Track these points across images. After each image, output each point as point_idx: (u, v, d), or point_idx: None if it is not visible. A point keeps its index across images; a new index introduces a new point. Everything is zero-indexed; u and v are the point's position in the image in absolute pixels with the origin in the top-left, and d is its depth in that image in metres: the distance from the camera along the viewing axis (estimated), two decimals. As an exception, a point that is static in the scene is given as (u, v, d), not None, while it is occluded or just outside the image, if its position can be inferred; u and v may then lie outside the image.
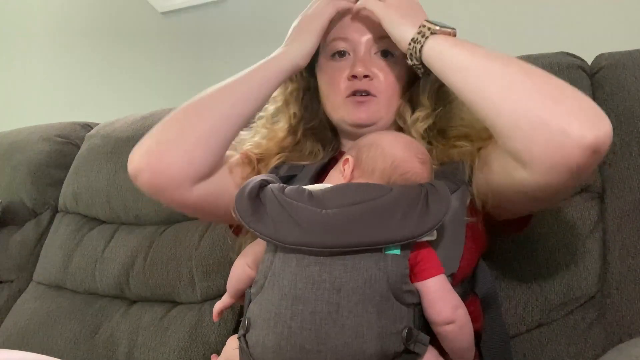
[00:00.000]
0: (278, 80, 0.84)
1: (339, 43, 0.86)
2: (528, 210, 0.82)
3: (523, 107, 0.65)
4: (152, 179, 0.78)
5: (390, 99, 0.84)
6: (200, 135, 0.79)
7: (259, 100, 0.83)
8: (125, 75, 1.91)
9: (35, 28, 2.08)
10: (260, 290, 0.66)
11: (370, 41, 0.84)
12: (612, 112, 0.98)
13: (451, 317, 0.64)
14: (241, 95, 0.82)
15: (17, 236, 1.47)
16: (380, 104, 0.83)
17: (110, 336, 1.19)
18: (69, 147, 1.53)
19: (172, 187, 0.78)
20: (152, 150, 0.79)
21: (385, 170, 0.72)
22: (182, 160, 0.78)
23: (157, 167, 0.78)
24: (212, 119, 0.80)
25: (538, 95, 0.66)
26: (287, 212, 0.66)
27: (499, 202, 0.77)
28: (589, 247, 0.92)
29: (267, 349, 0.63)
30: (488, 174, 0.76)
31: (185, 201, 0.81)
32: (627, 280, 0.90)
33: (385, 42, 0.83)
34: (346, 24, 0.86)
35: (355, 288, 0.61)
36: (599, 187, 0.97)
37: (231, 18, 1.66)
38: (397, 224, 0.64)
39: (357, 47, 0.85)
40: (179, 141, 0.78)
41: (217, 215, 0.87)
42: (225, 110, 0.81)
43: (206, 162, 0.79)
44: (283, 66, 0.84)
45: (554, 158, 0.63)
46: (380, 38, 0.84)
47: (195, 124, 0.79)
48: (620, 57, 1.02)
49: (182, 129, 0.79)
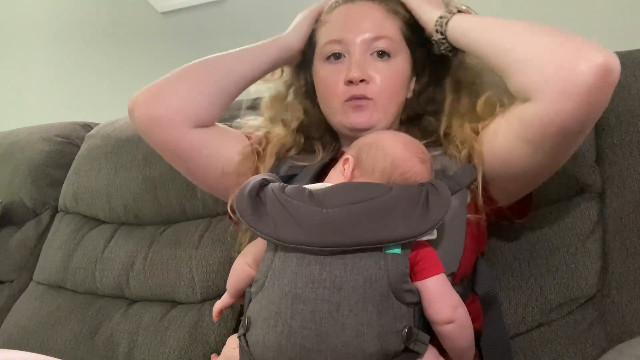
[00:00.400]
0: (273, 55, 0.91)
1: (334, 45, 0.84)
2: (533, 179, 0.81)
3: (539, 40, 0.70)
4: (148, 109, 0.84)
5: (388, 101, 0.83)
6: (201, 81, 0.86)
7: (258, 65, 0.90)
8: (125, 75, 1.91)
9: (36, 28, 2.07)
10: (261, 290, 0.66)
11: (366, 42, 0.83)
12: (612, 112, 0.98)
13: (451, 317, 0.64)
14: (243, 57, 0.90)
15: (17, 236, 1.47)
16: (378, 107, 0.82)
17: (110, 336, 1.19)
18: (69, 147, 1.53)
19: (167, 122, 0.84)
20: (153, 87, 0.86)
21: (386, 169, 0.72)
22: (182, 98, 0.84)
23: (155, 101, 0.85)
24: (215, 70, 0.88)
25: (554, 31, 0.70)
26: (288, 212, 0.66)
27: (507, 172, 0.77)
28: (589, 247, 0.92)
29: (267, 348, 0.63)
30: (494, 140, 0.76)
31: (179, 141, 0.86)
32: (627, 280, 0.90)
33: (382, 42, 0.83)
34: (340, 25, 0.85)
35: (355, 287, 0.61)
36: (599, 187, 0.97)
37: (231, 18, 1.66)
38: (397, 223, 0.64)
39: (352, 49, 0.83)
40: (180, 83, 0.86)
41: (206, 172, 0.90)
42: (227, 66, 0.89)
43: (205, 107, 0.86)
44: (279, 43, 0.91)
45: (565, 80, 0.64)
46: (376, 38, 0.83)
47: (199, 74, 0.87)
48: (620, 57, 1.01)
49: (186, 77, 0.87)
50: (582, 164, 0.97)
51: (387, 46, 0.83)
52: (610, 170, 0.97)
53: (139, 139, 1.35)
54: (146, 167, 1.31)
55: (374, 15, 0.85)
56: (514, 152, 0.74)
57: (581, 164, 0.97)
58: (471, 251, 0.76)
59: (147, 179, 1.30)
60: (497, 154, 0.76)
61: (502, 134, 0.75)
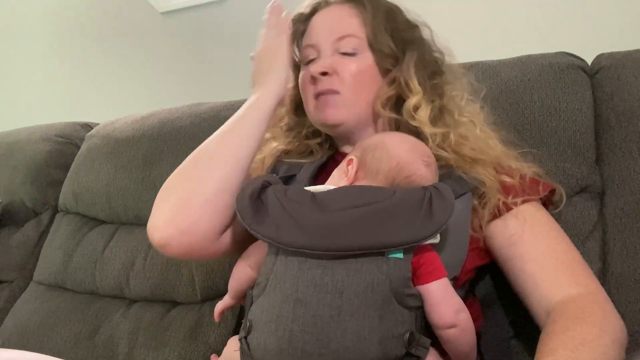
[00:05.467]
0: (269, 117, 0.81)
1: (308, 50, 0.86)
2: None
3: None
4: (183, 242, 0.74)
5: (355, 95, 0.82)
6: (217, 181, 0.75)
7: (258, 139, 0.80)
8: (125, 75, 1.91)
9: (36, 28, 2.07)
10: (262, 293, 0.66)
11: (334, 42, 0.84)
12: (612, 112, 0.98)
13: (453, 321, 0.64)
14: (245, 136, 0.79)
15: (17, 236, 1.47)
16: (345, 100, 0.82)
17: (110, 336, 1.19)
18: (69, 147, 1.53)
19: (204, 244, 0.75)
20: (175, 211, 0.74)
21: (390, 172, 0.71)
22: (208, 212, 0.74)
23: (185, 227, 0.73)
24: (225, 163, 0.76)
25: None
26: (290, 215, 0.66)
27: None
28: (589, 247, 0.92)
29: (268, 352, 0.63)
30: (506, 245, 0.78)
31: (218, 252, 0.79)
32: (627, 280, 0.90)
33: (346, 40, 0.83)
34: (313, 31, 0.87)
35: (357, 291, 0.61)
36: (599, 187, 0.97)
37: (231, 18, 1.66)
38: (399, 227, 0.63)
39: (322, 51, 0.84)
40: (199, 193, 0.74)
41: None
42: (234, 152, 0.77)
43: (230, 206, 0.74)
44: (270, 102, 0.81)
45: None
46: (340, 38, 0.83)
47: (211, 171, 0.75)
48: (620, 57, 1.02)
49: (199, 180, 0.75)
50: (582, 164, 0.97)
51: (351, 44, 0.83)
52: (610, 170, 0.97)
53: (139, 139, 1.36)
54: (146, 167, 1.31)
55: (339, 15, 0.86)
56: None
57: (581, 164, 0.97)
58: (474, 256, 0.76)
59: (147, 179, 1.30)
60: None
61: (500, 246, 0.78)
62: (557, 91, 1.00)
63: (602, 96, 1.00)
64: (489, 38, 1.36)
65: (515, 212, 0.77)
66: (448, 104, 0.84)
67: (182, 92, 1.71)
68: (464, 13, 1.40)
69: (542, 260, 0.75)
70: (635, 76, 0.98)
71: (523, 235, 0.76)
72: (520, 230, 0.76)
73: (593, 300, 0.70)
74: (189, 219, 0.73)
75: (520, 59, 1.07)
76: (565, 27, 1.31)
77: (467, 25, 1.37)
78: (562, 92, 1.00)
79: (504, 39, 1.34)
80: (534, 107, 1.00)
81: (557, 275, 0.73)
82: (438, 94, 0.83)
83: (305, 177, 0.84)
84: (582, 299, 0.70)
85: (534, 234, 0.77)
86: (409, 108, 0.80)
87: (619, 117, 0.97)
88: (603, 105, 1.00)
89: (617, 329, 0.67)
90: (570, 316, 0.67)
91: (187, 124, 1.31)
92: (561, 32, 1.30)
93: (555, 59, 1.04)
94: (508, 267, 0.78)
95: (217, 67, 1.68)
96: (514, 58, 1.08)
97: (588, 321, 0.66)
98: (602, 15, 1.27)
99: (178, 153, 1.27)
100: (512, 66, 1.06)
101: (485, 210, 0.76)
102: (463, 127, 0.82)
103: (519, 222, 0.77)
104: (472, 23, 1.39)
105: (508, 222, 0.77)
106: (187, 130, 1.30)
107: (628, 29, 1.23)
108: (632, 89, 0.97)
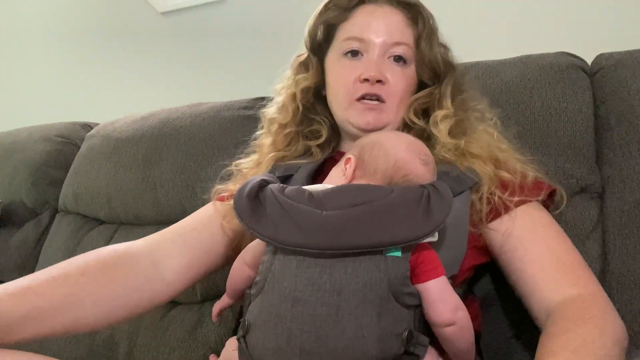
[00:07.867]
0: None
1: (354, 42, 0.85)
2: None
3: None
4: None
5: (398, 104, 0.84)
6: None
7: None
8: (125, 75, 1.91)
9: (36, 28, 2.08)
10: (260, 292, 0.66)
11: (386, 45, 0.84)
12: (612, 112, 0.98)
13: (452, 319, 0.64)
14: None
15: (17, 236, 1.47)
16: (388, 109, 0.83)
17: (110, 336, 1.19)
18: (69, 147, 1.53)
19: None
20: None
21: (387, 170, 0.71)
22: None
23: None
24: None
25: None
26: (288, 213, 0.66)
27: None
28: (589, 247, 0.92)
29: (267, 351, 0.63)
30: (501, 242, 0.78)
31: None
32: (627, 280, 0.90)
33: (401, 48, 0.84)
34: (364, 25, 0.86)
35: (355, 290, 0.61)
36: (599, 187, 0.97)
37: (231, 18, 1.66)
38: (397, 225, 0.63)
39: (371, 49, 0.84)
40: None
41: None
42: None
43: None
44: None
45: None
46: (396, 43, 0.84)
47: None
48: (620, 57, 1.02)
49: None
50: (582, 164, 0.97)
51: (405, 52, 0.84)
52: (610, 170, 0.96)
53: (139, 139, 1.36)
54: (146, 167, 1.31)
55: (396, 20, 0.86)
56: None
57: (581, 164, 0.97)
58: (473, 255, 0.76)
59: (147, 179, 1.30)
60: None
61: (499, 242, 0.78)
62: (557, 91, 1.00)
63: (602, 96, 1.00)
64: (489, 38, 1.36)
65: (515, 213, 0.77)
66: (469, 117, 0.86)
67: (182, 92, 1.71)
68: (464, 13, 1.40)
69: (543, 262, 0.74)
70: (635, 76, 0.98)
71: (523, 236, 0.76)
72: (520, 231, 0.76)
73: (593, 301, 0.70)
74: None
75: (520, 59, 1.07)
76: (565, 27, 1.30)
77: (467, 25, 1.37)
78: (562, 92, 1.00)
79: (504, 39, 1.34)
80: (534, 107, 1.00)
81: (557, 276, 0.73)
82: (464, 109, 0.85)
83: (302, 176, 0.84)
84: (582, 300, 0.69)
85: (534, 235, 0.77)
86: (436, 120, 0.83)
87: (619, 117, 0.97)
88: (603, 105, 1.00)
89: (617, 329, 0.67)
90: (571, 317, 0.67)
91: (187, 124, 1.31)
92: (561, 32, 1.30)
93: (555, 59, 1.04)
94: (508, 268, 0.78)
95: (217, 67, 1.68)
96: (514, 58, 1.08)
97: (588, 322, 0.66)
98: (602, 15, 1.27)
99: (178, 153, 1.27)
100: (512, 66, 1.06)
101: (483, 204, 0.76)
102: (475, 135, 0.84)
103: (519, 223, 0.77)
104: (472, 23, 1.39)
105: (508, 223, 0.77)
106: (187, 130, 1.30)
107: (628, 29, 1.23)
108: (632, 89, 0.97)
